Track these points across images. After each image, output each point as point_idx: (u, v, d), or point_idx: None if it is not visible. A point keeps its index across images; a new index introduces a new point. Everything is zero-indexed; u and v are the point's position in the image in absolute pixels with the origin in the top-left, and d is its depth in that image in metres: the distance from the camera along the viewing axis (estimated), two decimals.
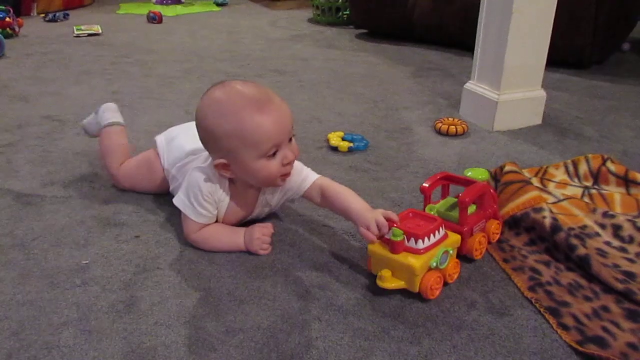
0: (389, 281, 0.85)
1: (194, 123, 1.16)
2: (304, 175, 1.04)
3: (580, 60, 2.20)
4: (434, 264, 0.86)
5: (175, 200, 1.02)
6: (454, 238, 0.91)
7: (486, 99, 1.58)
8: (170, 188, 1.13)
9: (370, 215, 0.91)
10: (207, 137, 0.95)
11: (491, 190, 1.01)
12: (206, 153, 1.03)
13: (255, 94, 0.93)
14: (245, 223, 1.06)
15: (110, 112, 1.28)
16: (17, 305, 0.86)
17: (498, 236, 1.01)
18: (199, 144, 1.04)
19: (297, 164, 1.02)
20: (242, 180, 0.99)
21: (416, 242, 0.86)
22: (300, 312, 0.84)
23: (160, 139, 1.18)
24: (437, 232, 0.88)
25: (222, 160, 0.94)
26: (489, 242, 1.00)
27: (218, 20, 3.53)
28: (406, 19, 2.65)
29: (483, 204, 0.99)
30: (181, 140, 1.13)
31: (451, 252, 0.89)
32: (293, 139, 0.96)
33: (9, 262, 0.97)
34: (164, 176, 1.15)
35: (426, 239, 0.86)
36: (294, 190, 1.05)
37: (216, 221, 1.03)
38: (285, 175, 0.97)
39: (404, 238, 0.85)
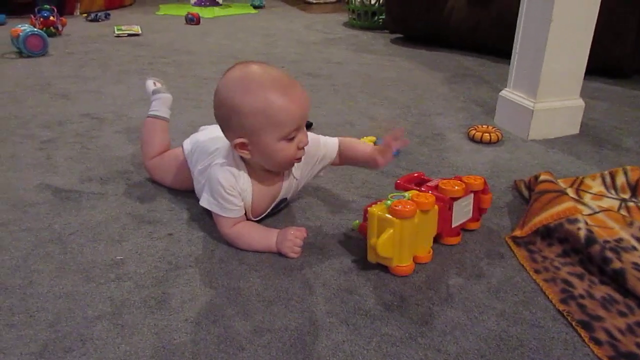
0: (378, 240, 0.91)
1: (216, 127, 1.19)
2: (324, 142, 1.10)
3: (620, 70, 2.16)
4: (389, 202, 0.93)
5: (201, 201, 1.04)
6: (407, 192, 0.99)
7: (522, 107, 1.56)
8: (195, 190, 1.15)
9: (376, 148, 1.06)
10: (231, 114, 0.95)
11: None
12: (223, 150, 1.04)
13: (281, 76, 0.96)
14: (279, 209, 1.10)
15: (159, 103, 1.33)
16: (53, 297, 0.88)
17: (482, 181, 1.04)
18: (220, 145, 1.06)
19: (312, 135, 1.07)
20: (257, 164, 1.01)
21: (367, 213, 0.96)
22: (328, 315, 0.84)
23: (186, 142, 1.21)
24: (380, 202, 0.97)
25: (242, 140, 0.96)
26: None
27: (254, 22, 3.56)
28: (442, 25, 2.63)
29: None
30: (204, 143, 1.15)
31: (406, 194, 0.96)
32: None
33: (47, 255, 1.00)
34: (190, 176, 1.17)
35: (372, 206, 0.96)
36: (319, 158, 1.10)
37: (245, 213, 1.04)
38: (298, 159, 1.01)
39: (359, 222, 1.03)
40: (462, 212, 1.04)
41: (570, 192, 1.20)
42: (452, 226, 1.02)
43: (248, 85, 0.94)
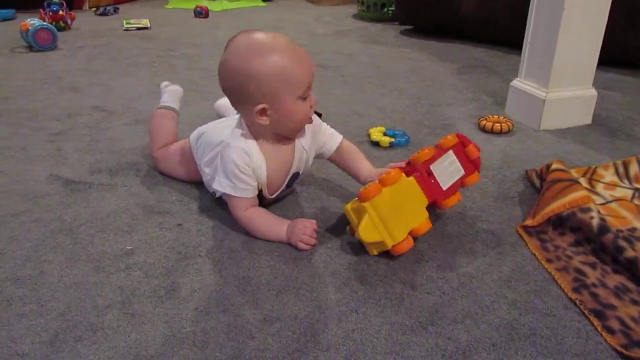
0: (358, 229, 0.91)
1: (221, 120, 1.19)
2: (330, 131, 1.13)
3: (634, 60, 2.13)
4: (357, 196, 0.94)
5: (214, 185, 1.04)
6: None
7: (533, 97, 1.54)
8: (204, 181, 1.16)
9: (375, 172, 1.09)
10: (248, 81, 0.94)
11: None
12: (231, 133, 1.03)
13: (286, 40, 0.98)
14: (292, 188, 1.12)
15: (169, 95, 1.34)
16: (64, 287, 0.89)
17: (454, 136, 1.06)
18: (225, 137, 1.06)
19: (317, 120, 1.09)
20: (272, 133, 1.01)
21: None
22: (338, 304, 0.84)
23: (193, 134, 1.21)
24: None
25: (263, 105, 0.95)
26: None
27: (264, 15, 3.56)
28: (452, 15, 2.61)
29: None
30: (209, 135, 1.15)
31: (375, 180, 0.98)
32: None
33: (58, 246, 1.00)
34: (196, 168, 1.17)
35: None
36: (323, 140, 1.12)
37: (260, 191, 1.04)
38: (310, 119, 1.04)
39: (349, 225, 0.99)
40: (448, 172, 1.02)
41: (583, 182, 1.18)
42: (445, 189, 1.01)
43: (260, 50, 0.94)
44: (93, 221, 1.08)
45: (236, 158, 0.98)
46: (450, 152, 1.03)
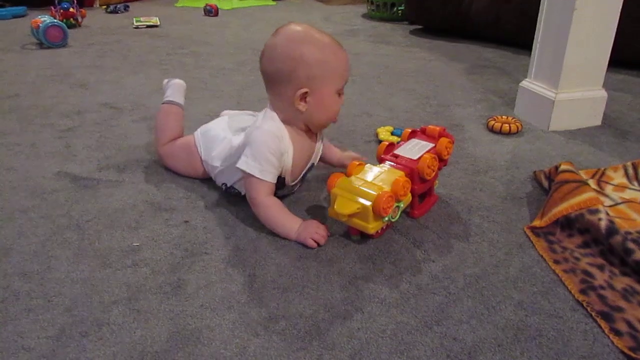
0: (334, 207, 0.95)
1: (225, 117, 1.22)
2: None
3: None
4: None
5: (239, 164, 1.03)
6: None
7: (543, 97, 1.53)
8: (212, 175, 1.17)
9: (346, 155, 1.22)
10: (297, 65, 0.97)
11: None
12: (262, 118, 1.05)
13: (330, 36, 1.03)
14: (304, 182, 1.15)
15: (173, 90, 1.34)
16: (71, 282, 0.89)
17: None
18: (230, 133, 1.11)
19: None
20: (303, 122, 1.04)
21: None
22: (343, 303, 0.84)
23: (197, 132, 1.22)
24: None
25: (306, 90, 0.99)
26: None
27: (273, 14, 3.56)
28: (462, 15, 2.60)
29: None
30: (215, 131, 1.18)
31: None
32: None
33: (65, 241, 1.00)
34: (201, 164, 1.18)
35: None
36: (325, 143, 1.17)
37: (280, 176, 1.05)
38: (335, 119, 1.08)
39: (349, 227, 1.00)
40: (415, 149, 1.07)
41: (592, 184, 1.18)
42: (415, 158, 1.04)
43: (312, 38, 0.99)
44: (100, 217, 1.08)
45: (269, 140, 1.00)
46: (412, 139, 1.11)
